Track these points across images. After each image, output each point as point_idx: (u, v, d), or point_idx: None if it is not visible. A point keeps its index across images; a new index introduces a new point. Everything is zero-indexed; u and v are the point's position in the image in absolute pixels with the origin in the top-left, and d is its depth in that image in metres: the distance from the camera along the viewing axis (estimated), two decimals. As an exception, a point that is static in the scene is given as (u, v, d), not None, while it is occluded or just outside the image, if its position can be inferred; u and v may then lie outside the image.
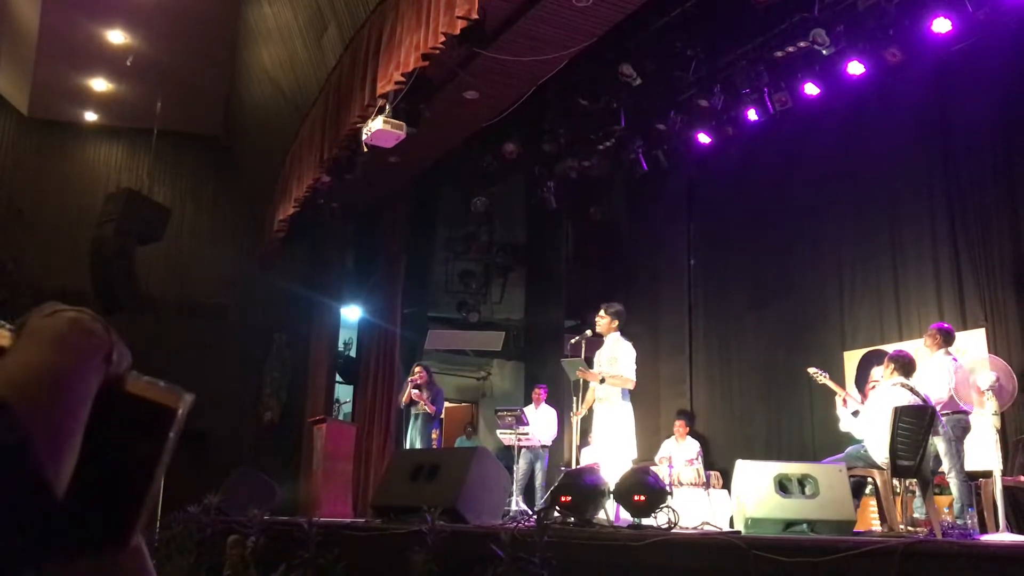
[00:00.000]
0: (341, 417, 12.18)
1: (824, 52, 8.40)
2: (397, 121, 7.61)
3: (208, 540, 6.71)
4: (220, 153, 13.91)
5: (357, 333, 12.80)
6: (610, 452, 6.61)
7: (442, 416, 9.59)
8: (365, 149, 8.07)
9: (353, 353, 12.80)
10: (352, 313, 12.65)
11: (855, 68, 8.56)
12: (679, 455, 9.81)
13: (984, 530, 6.05)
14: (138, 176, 13.05)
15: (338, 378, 12.46)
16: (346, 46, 8.99)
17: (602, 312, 7.04)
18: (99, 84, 12.37)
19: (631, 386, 6.83)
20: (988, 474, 5.98)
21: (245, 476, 7.96)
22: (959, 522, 6.08)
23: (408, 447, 9.47)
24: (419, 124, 7.92)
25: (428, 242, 13.02)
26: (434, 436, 9.32)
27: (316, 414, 10.45)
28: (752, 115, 9.66)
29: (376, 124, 7.60)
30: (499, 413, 9.55)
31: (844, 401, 6.76)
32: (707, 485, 9.41)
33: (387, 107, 7.63)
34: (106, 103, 12.89)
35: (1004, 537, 5.29)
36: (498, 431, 9.64)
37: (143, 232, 10.63)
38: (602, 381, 6.74)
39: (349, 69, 8.75)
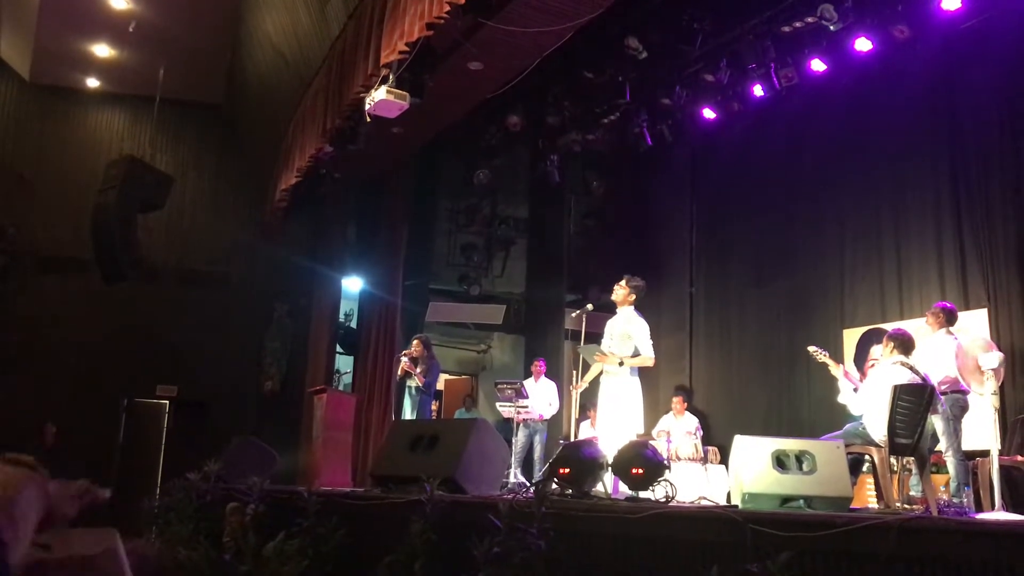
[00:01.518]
0: (341, 387, 12.21)
1: (832, 28, 8.33)
2: (400, 91, 7.56)
3: (208, 507, 6.74)
4: (222, 122, 13.85)
5: (358, 304, 12.79)
6: (615, 425, 6.61)
7: (440, 388, 9.59)
8: (368, 119, 8.02)
9: (354, 324, 12.81)
10: (353, 284, 12.64)
11: (862, 44, 8.49)
12: (678, 430, 9.85)
13: (980, 509, 6.07)
14: (140, 143, 13.00)
15: (339, 349, 12.47)
16: (350, 14, 8.92)
17: (623, 283, 6.98)
18: (101, 50, 12.28)
19: (650, 363, 6.80)
20: (985, 453, 6.00)
21: (245, 444, 7.98)
22: (955, 500, 6.11)
23: (406, 418, 9.50)
24: (423, 95, 7.87)
25: (430, 214, 12.99)
26: (433, 408, 9.33)
27: (316, 384, 10.46)
28: (758, 91, 9.61)
29: (379, 94, 7.55)
30: (499, 386, 9.57)
31: (846, 375, 6.76)
32: (705, 460, 9.45)
33: (391, 77, 7.58)
34: (108, 69, 12.80)
35: (999, 516, 5.31)
36: (498, 404, 9.67)
37: (145, 200, 10.60)
38: (620, 364, 6.72)
39: (353, 38, 8.69)
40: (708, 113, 10.36)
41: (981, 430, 6.24)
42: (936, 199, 8.67)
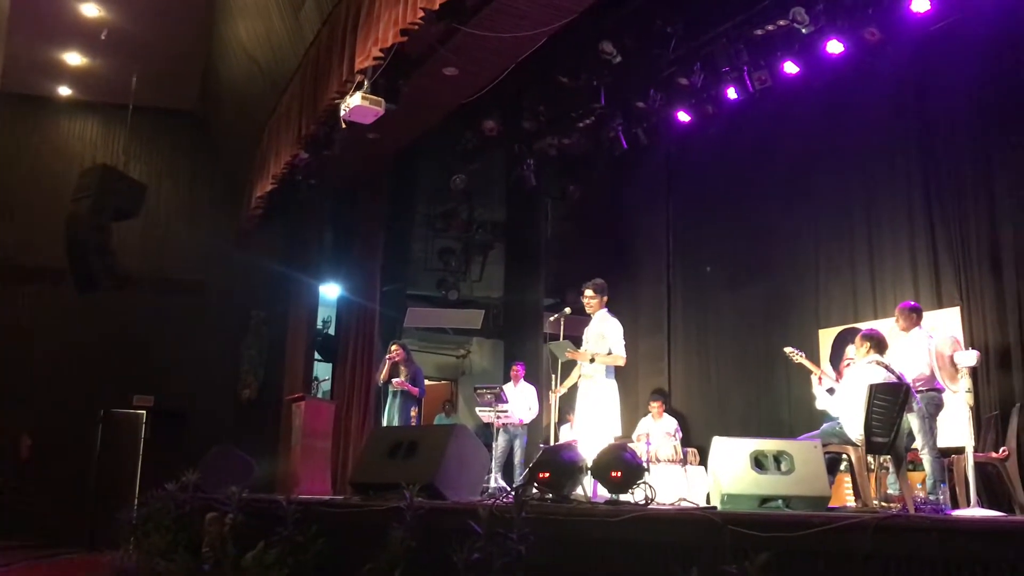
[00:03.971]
0: (320, 395, 12.16)
1: (803, 31, 8.40)
2: (376, 97, 7.55)
3: (186, 517, 6.68)
4: (197, 129, 13.77)
5: (336, 311, 12.74)
6: (593, 429, 6.63)
7: (423, 395, 9.58)
8: (343, 125, 8.00)
9: (332, 331, 12.76)
10: (331, 291, 12.60)
11: (834, 47, 8.56)
12: (657, 432, 9.88)
13: (956, 505, 6.14)
14: (114, 152, 12.90)
15: (317, 356, 12.42)
16: (324, 20, 8.89)
17: (588, 291, 7.00)
18: (73, 58, 12.18)
19: (621, 363, 6.83)
20: (960, 450, 6.07)
21: (223, 453, 7.92)
22: (931, 498, 6.16)
23: (386, 425, 9.47)
24: (398, 100, 7.86)
25: (407, 219, 12.97)
26: (413, 414, 9.30)
27: (294, 391, 10.42)
28: (732, 94, 9.66)
29: (354, 100, 7.54)
30: (478, 391, 9.57)
31: (819, 379, 6.82)
32: (684, 462, 9.49)
33: (365, 83, 7.57)
34: (80, 77, 12.70)
35: (975, 512, 5.38)
36: (477, 408, 9.66)
37: (119, 208, 10.52)
38: (592, 361, 6.75)
39: (327, 44, 8.66)
40: (683, 116, 10.40)
41: (956, 427, 6.31)
42: (908, 199, 8.76)
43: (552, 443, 7.65)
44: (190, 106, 13.51)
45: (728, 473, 4.73)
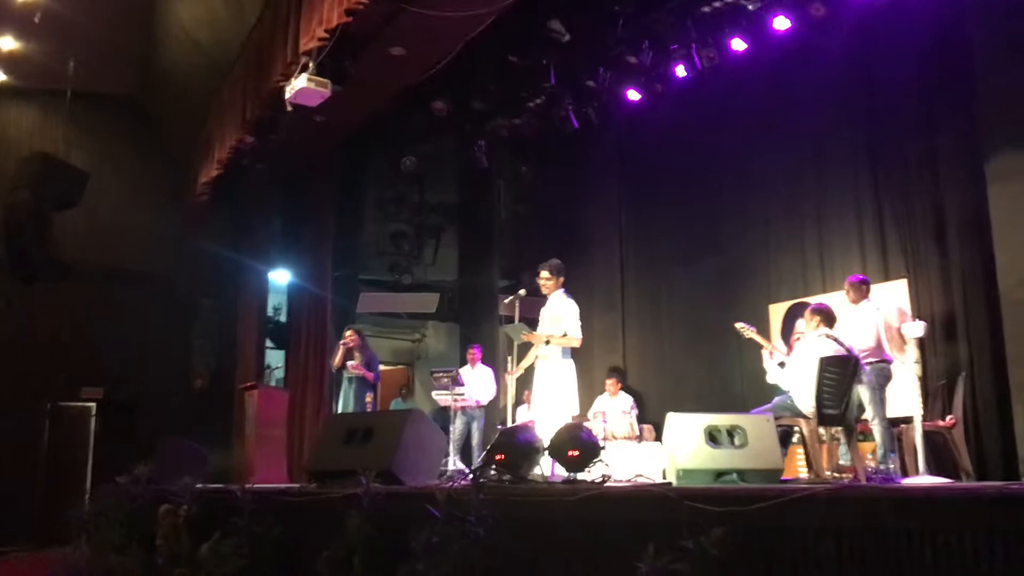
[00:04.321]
0: (273, 383, 12.03)
1: (750, 7, 8.45)
2: (322, 79, 7.44)
3: (139, 511, 6.57)
4: (139, 114, 13.45)
5: (287, 297, 12.59)
6: (550, 409, 6.64)
7: (378, 380, 9.53)
8: (289, 108, 7.87)
9: (283, 318, 12.61)
10: (281, 277, 12.44)
11: (780, 23, 8.63)
12: (613, 410, 9.94)
13: (905, 473, 6.27)
14: (53, 139, 12.55)
15: (269, 343, 12.27)
16: (267, 2, 8.73)
17: (544, 273, 6.98)
18: (6, 43, 11.79)
19: (577, 344, 6.84)
20: (909, 420, 6.19)
21: (175, 445, 7.80)
22: (882, 467, 6.29)
23: (341, 411, 9.41)
24: (345, 82, 7.75)
25: (357, 203, 12.83)
26: (368, 400, 9.26)
27: (247, 380, 10.30)
28: (680, 71, 9.70)
29: (300, 82, 7.42)
30: (434, 375, 9.53)
31: (771, 353, 6.90)
32: (640, 438, 9.57)
33: (311, 65, 7.45)
34: (15, 63, 12.30)
35: (924, 480, 5.50)
36: (434, 392, 9.63)
37: (60, 197, 10.28)
38: (547, 343, 6.74)
39: (270, 26, 8.51)
40: (633, 95, 10.42)
41: (904, 397, 6.43)
42: (855, 174, 8.88)
43: (509, 425, 7.66)
44: (131, 91, 13.19)
45: (683, 448, 4.77)
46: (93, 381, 12.22)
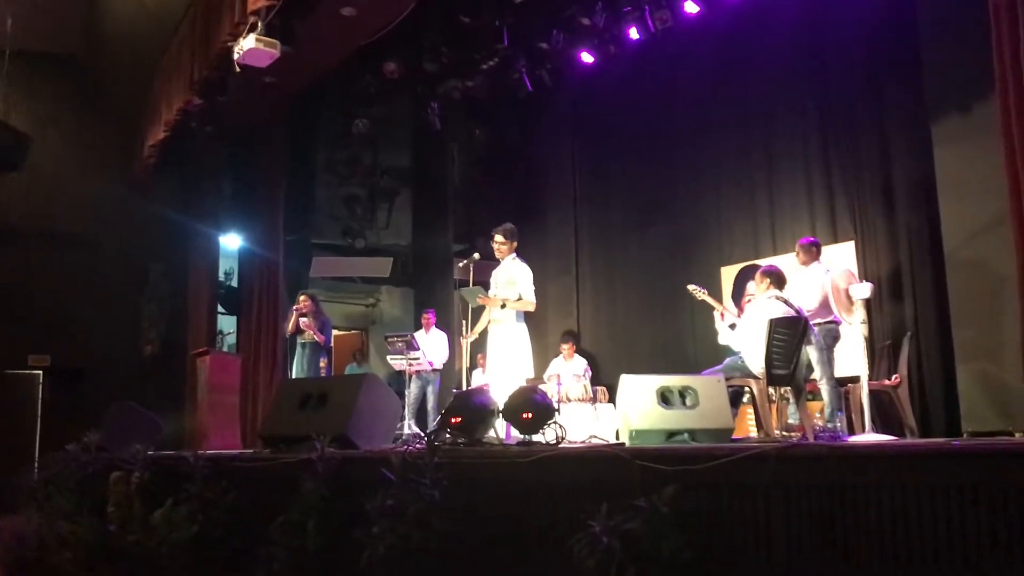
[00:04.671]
0: (225, 348, 11.91)
1: (703, -31, 8.42)
2: (270, 39, 7.29)
3: (90, 479, 6.49)
4: (82, 74, 13.05)
5: (238, 262, 12.43)
6: (505, 373, 6.66)
7: (331, 345, 9.48)
8: (238, 69, 7.70)
9: (235, 283, 12.46)
10: (232, 241, 12.26)
11: (733, -14, 8.63)
12: (567, 373, 10.01)
13: (852, 431, 6.42)
14: (-10, 101, 12.18)
15: (220, 309, 12.13)
16: (213, -41, 8.51)
17: (498, 237, 6.97)
18: (-61, -1, 11.38)
19: (532, 308, 6.86)
20: (856, 379, 6.32)
21: (126, 411, 7.70)
22: (829, 425, 6.43)
23: (295, 376, 9.36)
24: (294, 43, 7.61)
25: (309, 167, 12.66)
26: (322, 365, 9.22)
27: (198, 346, 10.17)
28: (634, 34, 9.67)
29: (248, 43, 7.26)
30: (389, 339, 9.52)
31: (722, 315, 6.99)
32: (594, 400, 9.66)
33: (259, 25, 7.28)
34: (-51, 21, 11.88)
35: (870, 437, 5.62)
36: (388, 357, 9.62)
37: (0, 160, 9.98)
38: (503, 306, 6.76)
39: (217, -16, 8.30)
40: (586, 57, 10.37)
41: (852, 357, 6.56)
42: (805, 137, 8.96)
43: (464, 388, 7.68)
44: (74, 51, 12.78)
45: (636, 410, 4.83)
46: (40, 348, 11.99)
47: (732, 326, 6.72)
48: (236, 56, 7.45)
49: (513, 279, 6.82)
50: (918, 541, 2.92)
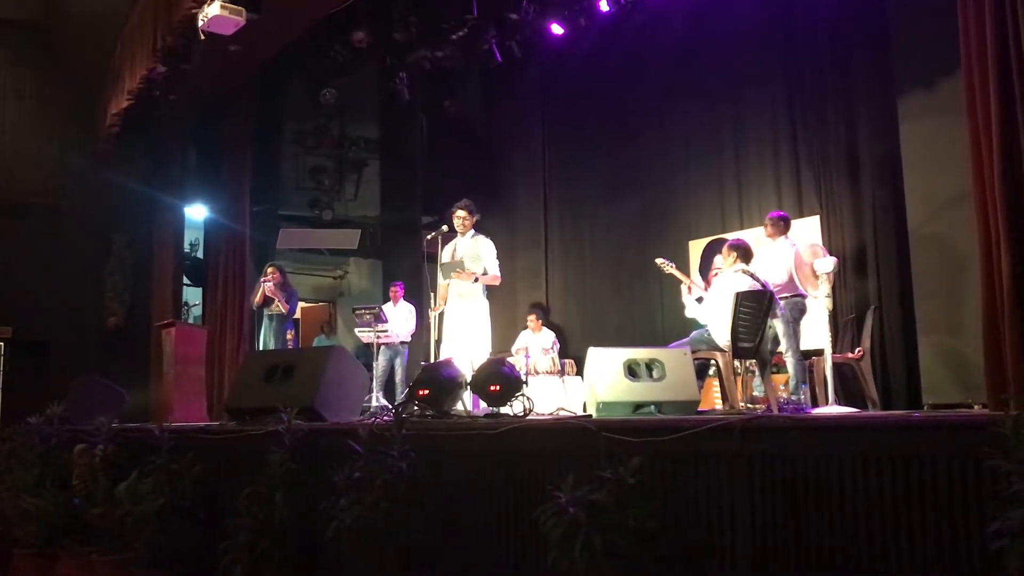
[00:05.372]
0: (191, 320, 11.80)
1: (674, -59, 8.38)
2: (235, 6, 7.19)
3: (53, 452, 6.44)
4: (43, 40, 12.75)
5: (204, 233, 12.28)
6: (469, 346, 6.68)
7: (297, 316, 9.44)
8: (202, 37, 7.58)
9: (200, 254, 12.32)
10: (197, 212, 12.11)
11: (704, -41, 8.59)
12: (535, 345, 10.05)
13: (816, 404, 6.51)
14: (-54, 68, 11.88)
15: (186, 280, 12.00)
16: (176, -77, 8.33)
17: (460, 212, 6.97)
18: None
19: (498, 283, 6.89)
20: (820, 352, 6.40)
21: (89, 384, 7.63)
22: (793, 398, 6.51)
23: (262, 348, 9.30)
24: (260, 10, 7.50)
25: (276, 137, 12.50)
26: (289, 337, 9.18)
27: (164, 318, 10.08)
28: (604, 5, 9.61)
29: (213, 9, 7.15)
30: (357, 311, 9.48)
31: (689, 288, 7.03)
32: (562, 373, 9.71)
33: (224, -9, 7.17)
34: (-97, -17, 11.56)
35: (832, 409, 5.71)
36: (356, 329, 9.58)
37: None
38: (476, 280, 6.76)
39: (181, -51, 8.13)
40: (556, 28, 10.30)
41: (816, 331, 6.65)
42: (772, 112, 9.00)
43: (432, 361, 7.67)
44: (34, 16, 12.49)
45: (603, 382, 4.86)
46: (1, 319, 11.81)
47: (699, 299, 6.77)
48: (201, 23, 7.34)
49: (479, 254, 6.83)
50: (879, 511, 2.98)
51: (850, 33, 8.34)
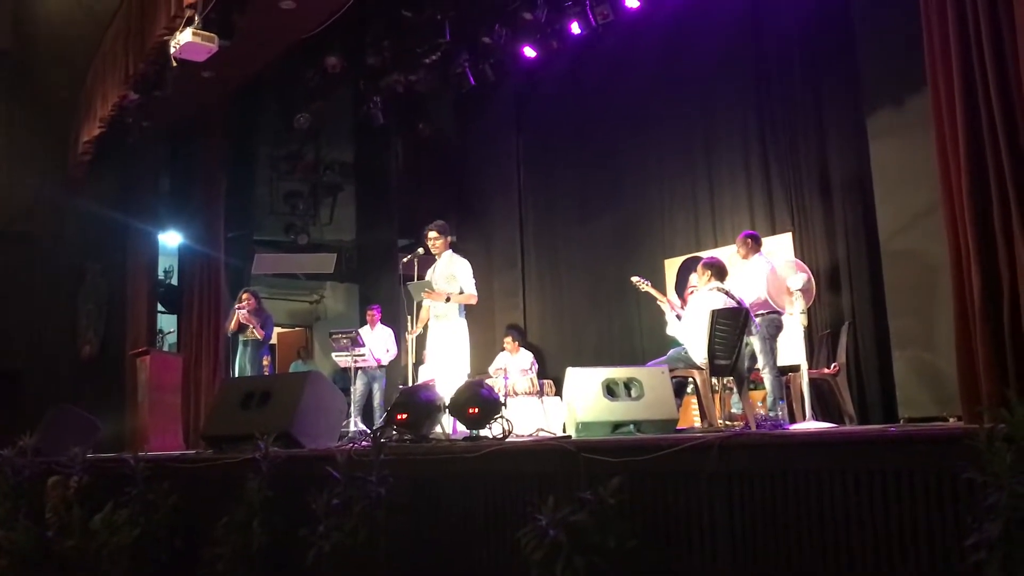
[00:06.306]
0: (166, 348, 11.69)
1: (642, -36, 8.48)
2: (208, 33, 7.15)
3: (26, 484, 6.34)
4: (14, 68, 12.62)
5: (178, 260, 12.19)
6: (447, 368, 6.66)
7: (273, 342, 9.38)
8: (174, 64, 7.55)
9: (175, 281, 12.23)
10: (171, 239, 12.02)
11: (673, -20, 8.70)
12: (514, 367, 10.04)
13: (793, 420, 6.54)
14: (-85, 97, 11.75)
15: (160, 308, 11.89)
16: (147, -49, 8.32)
17: (431, 233, 6.98)
18: None
19: (473, 301, 6.88)
20: (797, 368, 6.44)
21: (63, 413, 7.53)
22: (771, 414, 6.54)
23: (238, 375, 9.23)
24: (232, 36, 7.47)
25: (249, 162, 12.45)
26: (265, 363, 9.12)
27: (138, 346, 9.98)
28: (576, 28, 9.71)
29: (185, 36, 7.11)
30: (333, 336, 9.44)
31: (672, 306, 7.06)
32: (541, 394, 9.70)
33: (196, 18, 7.14)
34: None
35: (810, 425, 5.74)
36: (333, 354, 9.54)
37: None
38: (447, 300, 6.75)
39: (152, -24, 8.12)
40: (529, 52, 10.38)
41: (792, 347, 6.69)
42: (744, 130, 9.09)
43: (410, 384, 7.65)
44: (3, 44, 12.40)
45: (581, 402, 4.86)
46: (-28, 350, 11.63)
47: (678, 317, 6.80)
48: (173, 50, 7.29)
49: (453, 274, 6.82)
50: (857, 526, 2.99)
51: (819, 52, 8.45)
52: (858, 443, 3.14)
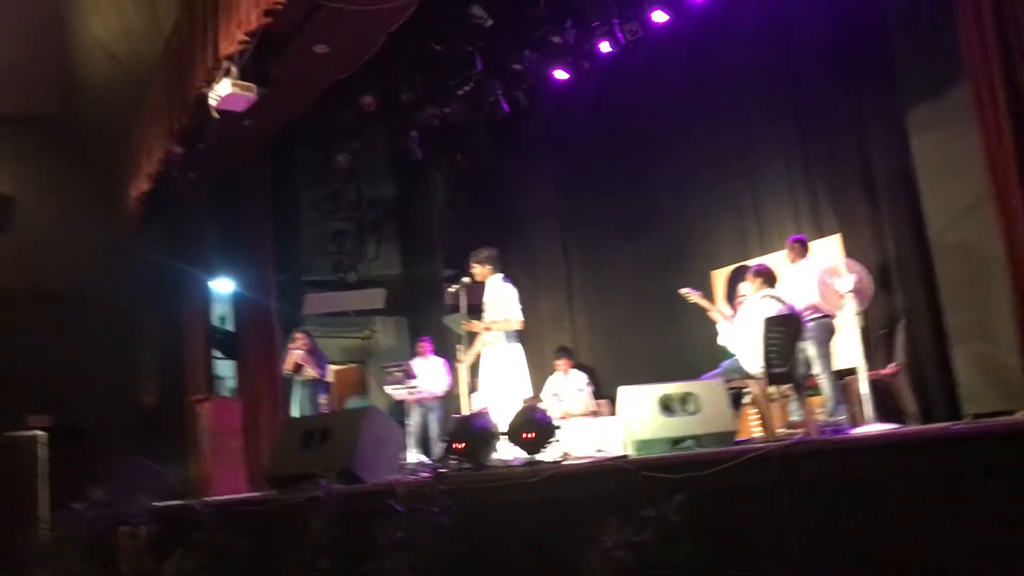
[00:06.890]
0: (226, 393, 11.87)
1: (668, -22, 8.50)
2: (246, 83, 7.32)
3: (99, 536, 6.48)
4: (62, 132, 13.03)
5: (232, 306, 12.40)
6: (501, 394, 6.67)
7: (329, 379, 9.48)
8: (216, 115, 7.74)
9: (231, 327, 12.43)
10: (224, 286, 12.24)
11: (699, -8, 8.71)
12: (567, 388, 9.99)
13: (855, 424, 6.42)
14: (-27, 167, 12.18)
15: (218, 354, 12.09)
16: (183, 8, 8.56)
17: (475, 263, 7.04)
18: (-87, 69, 11.42)
19: (518, 326, 6.89)
20: (854, 371, 6.34)
21: (129, 465, 7.70)
22: (832, 419, 6.43)
23: (297, 415, 9.34)
24: (269, 84, 7.63)
25: (293, 205, 12.65)
26: (323, 401, 9.22)
27: (197, 393, 10.15)
28: (605, 47, 9.75)
29: (224, 88, 7.30)
30: (386, 369, 9.52)
31: (725, 316, 7.01)
32: (597, 414, 9.64)
33: (233, 69, 7.32)
34: (-75, 90, 11.91)
35: (873, 428, 5.64)
36: (386, 387, 9.61)
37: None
38: (488, 329, 6.78)
39: (188, 32, 8.34)
40: (560, 75, 10.44)
41: (848, 350, 6.58)
42: (783, 136, 9.00)
43: (464, 413, 7.67)
44: (51, 110, 12.80)
45: (637, 420, 4.84)
46: (38, 408, 11.91)
47: (730, 325, 6.74)
48: (213, 102, 7.48)
49: (497, 300, 6.87)
50: (928, 526, 2.93)
51: (851, 49, 8.35)
52: (924, 443, 3.09)
